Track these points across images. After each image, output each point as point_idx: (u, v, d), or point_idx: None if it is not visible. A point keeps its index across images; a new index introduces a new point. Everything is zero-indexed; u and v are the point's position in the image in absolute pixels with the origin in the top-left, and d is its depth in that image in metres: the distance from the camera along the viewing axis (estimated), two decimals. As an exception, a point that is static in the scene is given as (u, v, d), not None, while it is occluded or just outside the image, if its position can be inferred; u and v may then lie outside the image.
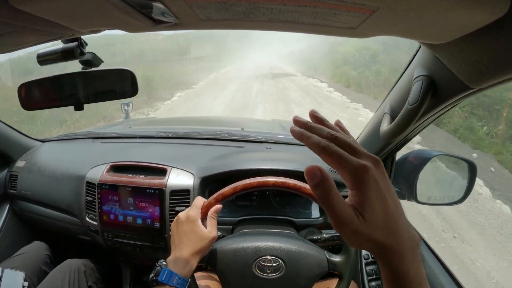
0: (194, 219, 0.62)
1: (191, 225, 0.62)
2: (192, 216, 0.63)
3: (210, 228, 0.63)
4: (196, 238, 0.61)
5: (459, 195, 0.93)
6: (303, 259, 0.65)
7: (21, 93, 0.78)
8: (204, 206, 0.65)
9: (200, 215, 0.64)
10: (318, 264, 0.65)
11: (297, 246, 0.66)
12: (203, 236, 0.61)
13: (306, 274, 0.64)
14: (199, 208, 0.65)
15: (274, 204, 1.05)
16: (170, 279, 0.58)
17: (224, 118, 3.65)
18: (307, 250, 0.66)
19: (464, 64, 0.43)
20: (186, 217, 0.63)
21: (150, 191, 0.99)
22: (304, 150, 1.24)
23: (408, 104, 0.54)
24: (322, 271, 0.65)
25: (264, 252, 0.64)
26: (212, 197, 0.65)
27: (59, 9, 0.35)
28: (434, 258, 0.70)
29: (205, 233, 0.62)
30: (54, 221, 1.18)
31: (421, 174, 0.90)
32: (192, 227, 0.62)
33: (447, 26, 0.36)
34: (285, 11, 0.36)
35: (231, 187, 0.66)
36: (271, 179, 0.66)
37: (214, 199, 0.65)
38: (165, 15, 0.38)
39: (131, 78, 0.77)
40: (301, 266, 0.64)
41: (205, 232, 0.62)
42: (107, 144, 1.33)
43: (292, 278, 0.64)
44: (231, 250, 0.65)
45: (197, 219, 0.63)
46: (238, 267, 0.64)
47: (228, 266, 0.64)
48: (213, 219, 0.64)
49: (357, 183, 0.30)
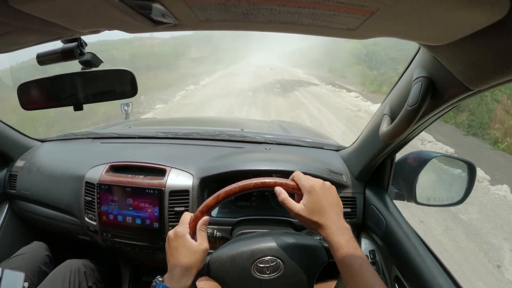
0: (182, 234, 0.63)
1: (180, 240, 0.63)
2: (179, 232, 0.64)
3: (200, 241, 0.64)
4: (187, 253, 0.62)
5: (459, 196, 0.93)
6: (299, 253, 0.65)
7: (21, 92, 0.78)
8: (192, 221, 0.65)
9: (188, 229, 0.64)
10: (315, 255, 0.65)
11: (292, 241, 0.66)
12: (194, 249, 0.62)
13: (306, 267, 0.64)
14: (186, 224, 0.65)
15: (273, 205, 1.05)
16: None
17: (223, 119, 3.65)
18: (302, 242, 0.66)
19: (463, 66, 0.43)
20: (174, 234, 0.64)
21: (149, 191, 0.99)
22: (303, 151, 1.24)
23: (407, 105, 0.54)
24: (321, 261, 0.65)
25: (260, 254, 0.64)
26: (197, 211, 0.66)
27: (59, 9, 0.35)
28: (433, 259, 0.70)
29: (195, 246, 0.62)
30: (53, 221, 1.18)
31: (421, 175, 0.91)
32: (182, 242, 0.63)
33: (447, 27, 0.36)
34: (284, 12, 0.36)
35: (213, 197, 0.66)
36: (252, 181, 0.66)
37: (199, 212, 0.65)
38: (164, 16, 0.38)
39: (131, 78, 0.77)
40: (299, 260, 0.64)
41: (195, 245, 0.62)
42: (106, 144, 1.33)
43: (293, 274, 0.64)
44: (227, 258, 0.65)
45: (185, 234, 0.63)
46: (237, 273, 0.64)
47: (227, 274, 0.64)
48: (202, 232, 0.65)
49: (306, 192, 0.61)
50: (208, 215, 0.66)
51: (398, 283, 0.79)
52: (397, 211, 0.87)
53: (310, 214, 0.59)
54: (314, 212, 0.59)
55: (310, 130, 2.36)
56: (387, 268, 0.86)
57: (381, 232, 0.89)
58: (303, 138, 1.35)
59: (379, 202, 0.92)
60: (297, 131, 2.04)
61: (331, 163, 1.09)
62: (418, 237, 0.78)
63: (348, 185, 1.02)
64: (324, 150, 1.24)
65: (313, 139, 1.36)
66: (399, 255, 0.78)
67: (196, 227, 0.65)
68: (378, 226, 0.90)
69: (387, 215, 0.87)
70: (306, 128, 2.68)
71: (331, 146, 1.26)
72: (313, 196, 0.60)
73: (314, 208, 0.59)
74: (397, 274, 0.79)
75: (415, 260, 0.71)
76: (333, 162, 1.11)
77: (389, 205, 0.89)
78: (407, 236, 0.78)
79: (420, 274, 0.68)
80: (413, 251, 0.73)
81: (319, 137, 1.64)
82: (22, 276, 0.94)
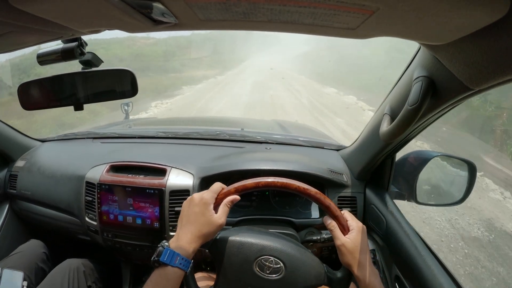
0: (207, 202, 0.62)
1: (202, 207, 0.61)
2: (205, 199, 0.62)
3: (220, 215, 0.62)
4: (204, 221, 0.60)
5: (459, 196, 0.93)
6: (303, 267, 0.65)
7: (21, 92, 0.78)
8: (222, 193, 0.64)
9: (214, 200, 0.63)
10: (316, 276, 0.65)
11: (301, 254, 0.66)
12: (212, 221, 0.61)
13: (303, 283, 0.64)
14: (215, 193, 0.64)
15: (273, 205, 1.05)
16: (173, 259, 0.57)
17: (223, 118, 3.65)
18: (309, 261, 0.66)
19: (464, 65, 0.43)
20: (200, 198, 0.63)
21: (149, 191, 0.99)
22: (303, 151, 1.24)
23: (408, 105, 0.54)
24: (318, 283, 0.66)
25: (269, 252, 0.64)
26: (232, 186, 0.65)
27: (59, 9, 0.35)
28: (433, 259, 0.70)
29: (214, 218, 0.61)
30: (53, 221, 1.18)
31: (421, 175, 0.91)
32: (202, 209, 0.61)
33: (447, 27, 0.36)
34: (285, 12, 0.36)
35: (254, 181, 0.65)
36: (295, 183, 0.67)
37: (234, 188, 0.64)
38: (165, 15, 0.38)
39: (131, 78, 0.77)
40: (300, 273, 0.64)
41: (214, 217, 0.61)
42: (107, 144, 1.33)
43: (289, 283, 0.64)
44: (236, 242, 0.65)
45: (210, 203, 0.62)
46: (239, 261, 0.64)
47: (229, 257, 0.64)
48: (226, 207, 0.64)
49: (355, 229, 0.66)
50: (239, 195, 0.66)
51: (399, 283, 0.79)
52: (398, 211, 0.87)
53: (353, 249, 0.64)
54: (355, 249, 0.64)
55: (310, 129, 2.36)
56: (387, 268, 0.86)
57: (381, 231, 0.89)
58: (304, 138, 1.35)
59: (380, 201, 0.92)
60: (297, 131, 2.04)
61: (331, 162, 1.09)
62: (419, 236, 0.78)
63: (348, 184, 1.02)
64: (325, 150, 1.24)
65: (313, 139, 1.36)
66: (400, 255, 0.78)
67: (223, 201, 0.64)
68: (378, 226, 0.90)
69: (387, 215, 0.87)
70: (306, 128, 2.67)
71: (331, 145, 1.26)
72: (359, 236, 0.65)
73: (357, 246, 0.64)
74: (398, 274, 0.79)
75: (416, 259, 0.71)
76: (333, 161, 1.11)
77: (390, 204, 0.89)
78: (408, 235, 0.78)
79: (420, 273, 0.68)
80: (414, 251, 0.73)
81: (319, 137, 1.64)
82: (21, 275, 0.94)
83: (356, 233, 0.65)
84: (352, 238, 0.65)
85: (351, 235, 0.65)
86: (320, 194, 0.67)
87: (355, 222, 0.67)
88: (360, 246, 0.64)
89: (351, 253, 0.64)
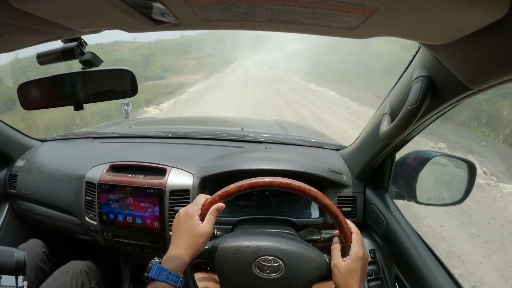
0: (192, 214, 0.63)
1: (188, 220, 0.62)
2: (190, 211, 0.63)
3: (205, 223, 0.63)
4: (190, 232, 0.61)
5: (459, 195, 0.93)
6: (303, 261, 0.65)
7: (21, 92, 0.78)
8: (206, 203, 0.65)
9: (199, 211, 0.64)
10: (317, 267, 0.65)
11: (298, 248, 0.66)
12: (197, 230, 0.61)
13: (305, 277, 0.64)
14: (200, 205, 0.65)
15: (273, 204, 1.05)
16: (160, 274, 0.58)
17: (223, 118, 3.65)
18: (308, 253, 0.66)
19: (463, 65, 0.43)
20: (185, 212, 0.64)
21: (149, 191, 0.99)
22: (303, 150, 1.24)
23: (407, 104, 0.54)
24: (321, 274, 0.65)
25: (265, 252, 0.64)
26: (216, 194, 0.65)
27: (59, 9, 0.35)
28: (433, 258, 0.70)
29: (200, 228, 0.62)
30: (53, 220, 1.18)
31: (421, 175, 0.91)
32: (188, 222, 0.62)
33: (447, 27, 0.36)
34: (285, 12, 0.36)
35: (236, 185, 0.65)
36: (277, 180, 0.66)
37: (218, 196, 0.65)
38: (165, 15, 0.38)
39: (131, 78, 0.77)
40: (300, 268, 0.64)
41: (199, 226, 0.62)
42: (106, 144, 1.33)
43: (291, 279, 0.64)
44: (232, 248, 0.65)
45: (195, 215, 0.63)
46: (237, 265, 0.64)
47: (227, 263, 0.64)
48: (212, 216, 0.64)
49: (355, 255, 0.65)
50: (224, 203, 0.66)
51: (398, 282, 0.79)
52: (398, 211, 0.87)
53: (344, 274, 0.63)
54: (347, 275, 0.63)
55: (310, 129, 2.36)
56: (387, 267, 0.87)
57: (381, 231, 0.89)
58: (303, 138, 1.35)
59: (380, 201, 0.93)
60: (297, 130, 2.04)
61: (331, 162, 1.09)
62: (419, 236, 0.78)
63: (348, 184, 1.02)
64: (324, 150, 1.24)
65: (313, 139, 1.36)
66: (400, 254, 0.78)
67: (209, 210, 0.64)
68: (378, 226, 0.91)
69: (387, 215, 0.87)
70: (306, 127, 2.67)
71: (331, 145, 1.26)
72: (357, 264, 0.64)
73: (350, 272, 0.63)
74: (397, 273, 0.79)
75: (415, 259, 0.71)
76: (333, 161, 1.11)
77: (390, 204, 0.89)
78: (407, 235, 0.78)
79: (420, 273, 0.69)
80: (413, 250, 0.73)
81: (319, 137, 1.64)
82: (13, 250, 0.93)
83: (354, 259, 0.64)
84: (347, 263, 0.64)
85: (348, 259, 0.64)
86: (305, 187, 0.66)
87: (356, 248, 0.65)
88: (354, 274, 0.63)
89: (343, 277, 0.63)
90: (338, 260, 0.64)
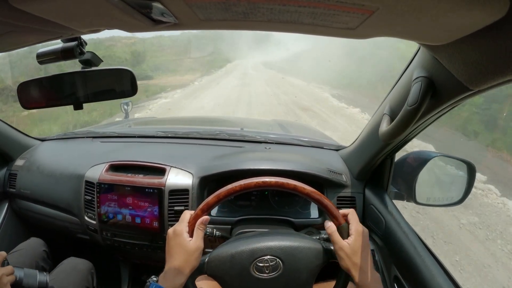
0: (180, 232, 0.64)
1: (177, 238, 0.63)
2: (178, 230, 0.64)
3: (195, 239, 0.64)
4: (181, 250, 0.62)
5: (458, 196, 0.93)
6: (299, 253, 0.65)
7: (21, 92, 0.78)
8: (191, 219, 0.66)
9: (187, 228, 0.65)
10: (315, 255, 0.65)
11: (292, 241, 0.66)
12: (188, 247, 0.62)
13: (305, 268, 0.64)
14: (186, 222, 0.66)
15: (273, 204, 1.05)
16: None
17: (223, 118, 3.64)
18: (303, 244, 0.66)
19: (463, 66, 0.43)
20: (173, 231, 0.65)
21: (149, 190, 0.99)
22: (303, 150, 1.24)
23: (407, 105, 0.54)
24: (321, 262, 0.65)
25: (260, 253, 0.64)
26: (197, 209, 0.66)
27: (59, 9, 0.35)
28: (432, 259, 0.70)
29: (190, 244, 0.63)
30: (53, 220, 1.18)
31: (420, 175, 0.91)
32: (178, 240, 0.63)
33: (447, 27, 0.36)
34: (284, 12, 0.36)
35: (214, 195, 0.66)
36: (253, 180, 0.66)
37: (200, 210, 0.65)
38: (164, 15, 0.38)
39: (131, 77, 0.77)
40: (298, 260, 0.64)
41: (190, 243, 0.63)
42: (106, 143, 1.33)
43: (292, 274, 0.64)
44: (227, 257, 0.65)
45: (183, 233, 0.64)
46: (236, 272, 0.64)
47: (226, 272, 0.65)
48: (199, 231, 0.65)
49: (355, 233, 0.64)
50: (208, 214, 0.66)
51: (398, 283, 0.79)
52: (397, 211, 0.87)
53: (351, 254, 0.62)
54: (354, 254, 0.62)
55: (310, 129, 2.36)
56: (386, 268, 0.87)
57: (380, 232, 0.89)
58: (303, 138, 1.35)
59: (379, 202, 0.93)
60: (297, 130, 2.04)
61: (330, 162, 1.09)
62: (418, 237, 0.78)
63: (347, 184, 1.02)
64: (324, 150, 1.24)
65: (312, 139, 1.36)
66: (399, 255, 0.78)
67: (195, 225, 0.65)
68: (377, 226, 0.91)
69: (386, 215, 0.87)
70: (306, 127, 2.67)
71: (330, 145, 1.26)
72: (359, 240, 0.63)
73: (356, 250, 0.63)
74: (397, 274, 0.79)
75: (415, 260, 0.71)
76: (332, 161, 1.11)
77: (389, 205, 0.89)
78: (407, 236, 0.78)
79: (419, 274, 0.69)
80: (413, 251, 0.73)
81: (319, 137, 1.64)
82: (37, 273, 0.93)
83: (356, 236, 0.63)
84: (350, 242, 0.63)
85: (350, 239, 0.63)
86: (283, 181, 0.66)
87: (355, 226, 0.65)
88: (360, 250, 0.62)
89: (350, 258, 0.62)
90: (341, 243, 0.63)
